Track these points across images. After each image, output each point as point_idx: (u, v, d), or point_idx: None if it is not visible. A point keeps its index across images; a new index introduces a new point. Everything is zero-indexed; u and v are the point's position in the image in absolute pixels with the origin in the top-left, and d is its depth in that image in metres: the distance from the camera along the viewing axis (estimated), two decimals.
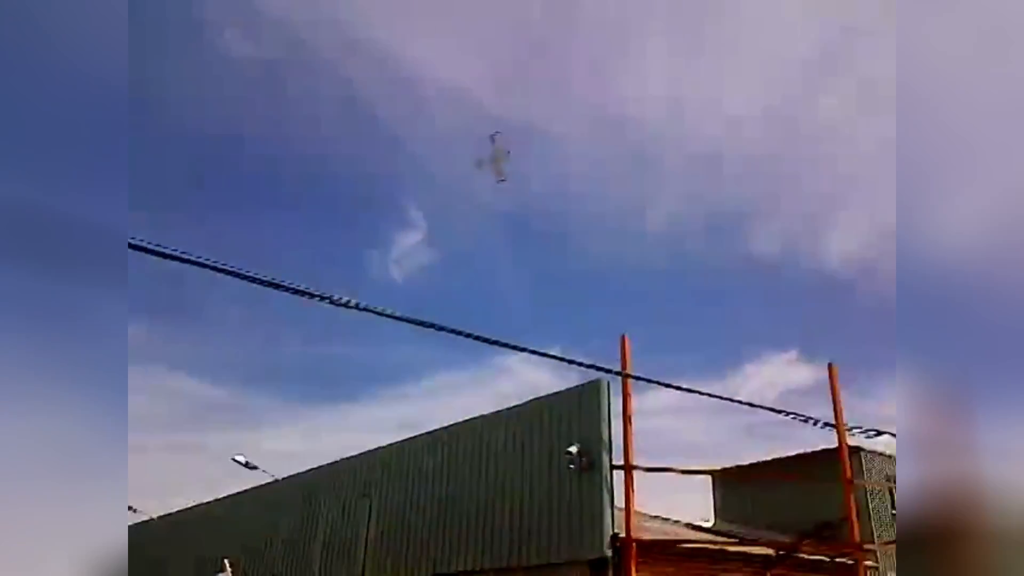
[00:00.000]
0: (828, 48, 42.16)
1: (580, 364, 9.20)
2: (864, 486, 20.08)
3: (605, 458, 10.71)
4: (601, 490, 10.54)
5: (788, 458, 21.16)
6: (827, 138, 47.85)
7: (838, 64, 44.82)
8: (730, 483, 23.37)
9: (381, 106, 46.06)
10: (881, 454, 21.59)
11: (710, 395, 10.42)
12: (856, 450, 20.27)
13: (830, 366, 12.60)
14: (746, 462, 22.74)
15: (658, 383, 10.10)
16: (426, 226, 50.84)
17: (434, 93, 42.07)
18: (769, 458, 22.05)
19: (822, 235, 53.49)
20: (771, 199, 49.99)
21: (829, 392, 12.54)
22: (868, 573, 13.24)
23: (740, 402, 10.67)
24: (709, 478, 22.42)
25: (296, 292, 6.68)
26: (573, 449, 10.65)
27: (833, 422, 12.25)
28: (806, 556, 13.82)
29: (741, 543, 13.93)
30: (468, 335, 8.42)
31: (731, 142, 46.43)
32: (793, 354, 52.63)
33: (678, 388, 10.14)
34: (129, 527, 20.26)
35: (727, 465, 22.45)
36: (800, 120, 47.39)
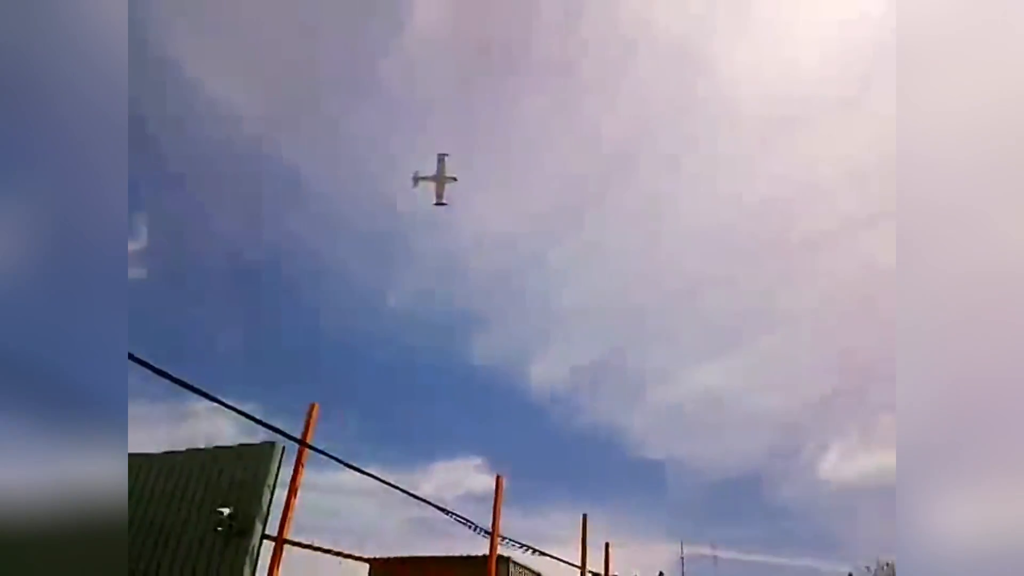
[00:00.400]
0: (567, 205, 48.06)
1: (261, 423, 8.73)
2: None
3: (258, 526, 10.11)
4: (245, 560, 9.86)
5: (444, 557, 21.84)
6: (551, 281, 53.72)
7: (571, 223, 51.23)
8: (386, 574, 23.28)
9: (146, 103, 41.72)
10: (527, 568, 23.32)
11: (383, 481, 10.52)
12: (505, 560, 21.71)
13: (498, 477, 13.60)
14: (409, 554, 22.95)
15: (336, 459, 9.95)
16: (147, 240, 45.67)
17: (203, 105, 39.32)
18: (428, 555, 22.54)
19: (529, 362, 58.67)
20: (497, 316, 53.94)
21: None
22: None
23: (408, 493, 10.93)
24: (368, 566, 22.16)
25: None
26: (225, 511, 9.91)
27: (490, 529, 13.10)
28: None
29: None
30: (147, 365, 7.64)
31: (474, 252, 49.76)
32: (479, 461, 55.55)
33: (354, 468, 10.10)
34: None
35: (390, 556, 22.44)
36: (530, 258, 52.64)
